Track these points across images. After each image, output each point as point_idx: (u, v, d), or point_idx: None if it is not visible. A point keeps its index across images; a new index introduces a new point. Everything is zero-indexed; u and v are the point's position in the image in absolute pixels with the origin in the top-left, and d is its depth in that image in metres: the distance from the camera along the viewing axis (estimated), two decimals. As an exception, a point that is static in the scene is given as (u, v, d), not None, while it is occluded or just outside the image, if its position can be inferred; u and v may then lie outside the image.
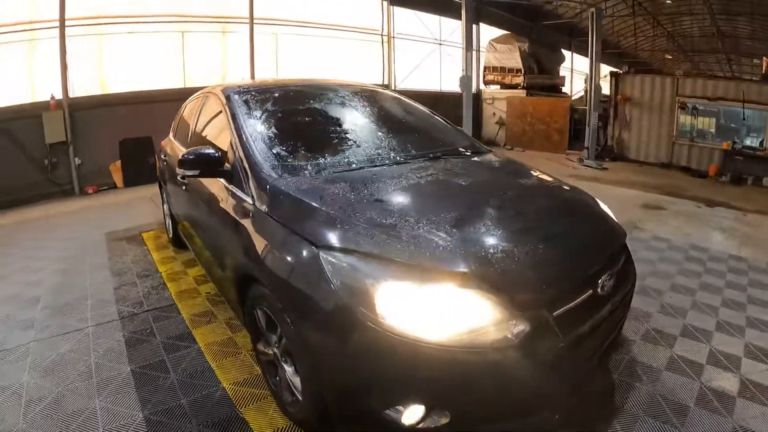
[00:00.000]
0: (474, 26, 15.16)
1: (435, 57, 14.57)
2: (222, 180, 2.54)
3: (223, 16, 10.22)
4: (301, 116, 2.89)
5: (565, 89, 16.79)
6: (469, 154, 3.02)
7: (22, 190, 7.61)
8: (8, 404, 2.41)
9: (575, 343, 1.77)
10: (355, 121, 2.94)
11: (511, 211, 2.08)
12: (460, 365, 1.54)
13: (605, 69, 14.77)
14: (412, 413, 1.61)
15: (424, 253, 1.66)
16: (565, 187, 2.64)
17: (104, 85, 8.83)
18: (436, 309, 1.57)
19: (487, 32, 15.59)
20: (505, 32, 15.11)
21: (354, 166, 2.43)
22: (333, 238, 1.75)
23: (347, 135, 2.74)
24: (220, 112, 2.94)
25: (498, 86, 15.06)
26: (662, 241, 5.04)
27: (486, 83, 15.45)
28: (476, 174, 2.60)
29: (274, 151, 2.44)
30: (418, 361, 1.53)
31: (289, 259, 1.84)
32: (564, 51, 16.74)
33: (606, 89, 12.36)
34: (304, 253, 1.77)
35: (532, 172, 2.80)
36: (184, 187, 3.33)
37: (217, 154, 2.47)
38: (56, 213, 6.95)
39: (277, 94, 3.03)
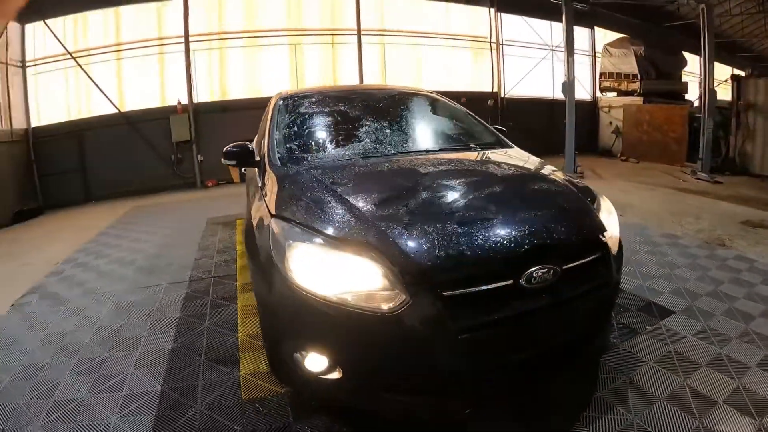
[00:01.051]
0: (588, 30, 14.52)
1: (547, 63, 14.15)
2: (255, 170, 3.03)
3: (331, 28, 11.05)
4: (323, 117, 3.28)
5: (690, 96, 15.16)
6: (476, 148, 3.13)
7: (153, 180, 9.18)
8: (84, 328, 3.26)
9: (477, 330, 1.77)
10: (372, 120, 3.19)
11: (452, 196, 2.16)
12: (346, 322, 1.76)
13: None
14: (314, 361, 1.86)
15: (336, 224, 1.92)
16: (553, 182, 2.56)
17: (224, 92, 10.17)
18: (332, 270, 1.80)
19: (606, 36, 14.78)
20: (621, 35, 14.19)
21: (346, 158, 2.76)
22: (281, 209, 2.11)
23: (356, 132, 3.04)
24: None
25: (614, 93, 14.17)
26: (744, 261, 4.49)
27: (602, 90, 14.60)
28: (453, 164, 2.69)
29: (287, 146, 2.89)
30: (312, 312, 1.79)
31: (258, 225, 2.23)
32: (688, 55, 15.12)
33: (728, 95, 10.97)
34: (265, 219, 2.15)
35: (525, 165, 2.81)
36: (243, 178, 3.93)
37: (250, 148, 2.94)
38: (176, 201, 8.27)
39: (314, 99, 3.46)
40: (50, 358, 2.84)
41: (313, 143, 2.98)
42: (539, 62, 13.63)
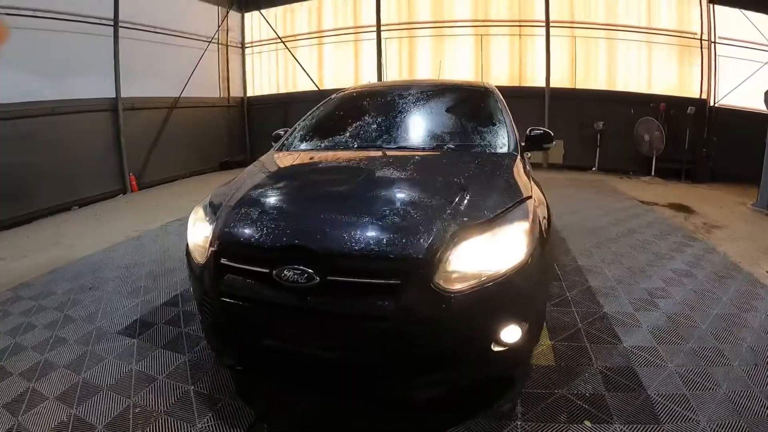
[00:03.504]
0: None
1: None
2: None
3: (518, 20, 10.85)
4: (342, 111, 3.63)
5: None
6: (456, 149, 2.98)
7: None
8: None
9: (233, 298, 2.04)
10: (380, 115, 3.34)
11: (310, 190, 2.50)
12: (191, 266, 2.34)
13: None
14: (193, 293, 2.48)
15: (223, 199, 2.41)
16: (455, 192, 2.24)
17: (413, 77, 10.94)
18: (198, 230, 2.34)
19: None
20: None
21: (316, 148, 3.22)
22: (226, 183, 2.74)
23: (350, 127, 3.31)
24: None
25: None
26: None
27: None
28: (384, 163, 2.70)
29: (299, 134, 3.44)
30: (187, 257, 2.40)
31: None
32: None
33: None
34: None
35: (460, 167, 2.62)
36: None
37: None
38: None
39: (354, 94, 3.85)
40: (153, 259, 4.31)
41: (312, 134, 3.42)
42: (761, 67, 11.16)
